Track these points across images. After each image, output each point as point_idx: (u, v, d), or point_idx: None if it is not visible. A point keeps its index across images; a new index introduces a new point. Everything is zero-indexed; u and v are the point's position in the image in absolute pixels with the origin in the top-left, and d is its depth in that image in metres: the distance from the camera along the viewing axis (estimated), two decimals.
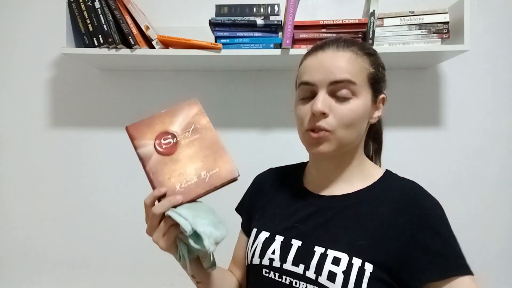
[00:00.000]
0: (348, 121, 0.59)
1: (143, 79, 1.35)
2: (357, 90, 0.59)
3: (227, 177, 0.60)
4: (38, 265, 1.35)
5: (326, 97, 0.59)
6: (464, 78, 1.30)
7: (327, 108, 0.59)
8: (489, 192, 1.29)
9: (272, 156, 1.32)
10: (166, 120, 0.63)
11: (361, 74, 0.60)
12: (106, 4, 1.11)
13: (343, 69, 0.59)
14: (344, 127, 0.59)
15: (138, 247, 1.34)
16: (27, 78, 1.35)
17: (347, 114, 0.59)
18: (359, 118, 0.60)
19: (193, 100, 0.68)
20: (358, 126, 0.61)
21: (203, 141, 0.61)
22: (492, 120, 1.29)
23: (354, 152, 0.66)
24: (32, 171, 1.35)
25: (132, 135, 0.61)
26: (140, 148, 0.60)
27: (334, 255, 0.57)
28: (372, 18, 1.10)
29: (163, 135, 0.61)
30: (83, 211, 1.35)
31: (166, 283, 1.34)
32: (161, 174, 0.57)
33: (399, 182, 0.65)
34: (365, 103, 0.61)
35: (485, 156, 1.29)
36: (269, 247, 0.64)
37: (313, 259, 0.58)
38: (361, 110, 0.60)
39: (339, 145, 0.61)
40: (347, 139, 0.61)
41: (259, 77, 1.34)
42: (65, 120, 1.36)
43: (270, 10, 1.14)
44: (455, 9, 1.12)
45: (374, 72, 0.62)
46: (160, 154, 0.59)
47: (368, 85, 0.61)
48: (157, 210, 0.54)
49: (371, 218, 0.59)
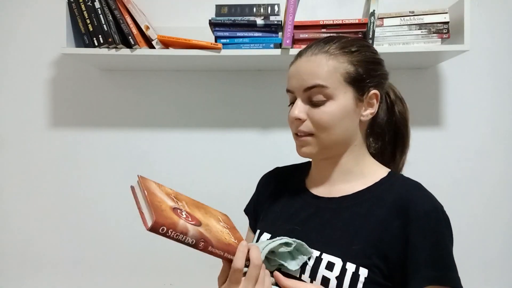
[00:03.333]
0: (324, 124, 0.60)
1: (143, 79, 1.35)
2: (331, 92, 0.60)
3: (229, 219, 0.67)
4: (38, 265, 1.35)
5: (301, 104, 0.62)
6: (464, 78, 1.30)
7: (303, 114, 0.61)
8: (489, 192, 1.29)
9: (272, 156, 1.32)
10: (159, 200, 0.53)
11: (333, 76, 0.60)
12: (106, 4, 1.11)
13: (314, 74, 0.60)
14: (321, 130, 0.61)
15: (138, 247, 1.34)
16: (27, 78, 1.35)
17: (322, 117, 0.60)
18: (337, 119, 0.60)
19: (141, 177, 0.57)
20: (338, 127, 0.61)
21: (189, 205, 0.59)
22: (492, 120, 1.29)
23: (350, 152, 0.65)
24: (32, 171, 1.35)
25: (169, 224, 0.47)
26: (188, 230, 0.49)
27: (328, 260, 0.57)
28: (372, 18, 1.10)
29: (176, 211, 0.52)
30: (83, 211, 1.35)
31: (166, 283, 1.34)
32: (221, 238, 0.52)
33: (401, 182, 0.63)
34: (344, 103, 0.60)
35: (485, 156, 1.29)
36: None
37: (308, 263, 0.58)
38: (338, 111, 0.60)
39: (322, 147, 0.62)
40: (329, 140, 0.62)
41: (259, 77, 1.34)
42: (65, 120, 1.36)
43: (270, 10, 1.14)
44: (455, 9, 1.12)
45: (354, 70, 0.61)
46: (196, 226, 0.51)
47: (345, 85, 0.60)
48: (239, 265, 0.50)
49: (367, 220, 0.59)
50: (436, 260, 0.54)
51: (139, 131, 1.35)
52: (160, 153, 1.35)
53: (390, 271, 0.55)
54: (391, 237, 0.56)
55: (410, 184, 0.63)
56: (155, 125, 1.35)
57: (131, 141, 1.35)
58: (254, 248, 0.53)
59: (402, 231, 0.56)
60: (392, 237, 0.56)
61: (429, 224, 0.55)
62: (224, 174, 1.34)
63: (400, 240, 0.56)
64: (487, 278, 1.28)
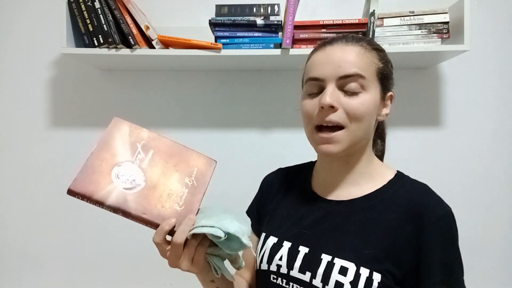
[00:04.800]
0: (359, 115, 0.57)
1: (143, 79, 1.35)
2: (366, 84, 0.58)
3: (210, 169, 0.60)
4: (38, 265, 1.35)
5: (335, 90, 0.57)
6: (464, 78, 1.30)
7: (336, 102, 0.57)
8: (489, 192, 1.29)
9: (272, 156, 1.32)
10: (105, 155, 0.54)
11: (370, 68, 0.58)
12: (106, 4, 1.11)
13: (353, 63, 0.57)
14: (355, 121, 0.57)
15: (138, 247, 1.34)
16: (27, 78, 1.35)
17: (357, 107, 0.57)
18: (369, 113, 0.58)
19: (114, 120, 0.59)
20: (368, 121, 0.59)
21: (161, 153, 0.57)
22: (492, 120, 1.29)
23: (362, 151, 0.64)
24: (32, 171, 1.35)
25: (84, 193, 0.50)
26: (107, 199, 0.50)
27: (341, 264, 0.56)
28: (372, 18, 1.10)
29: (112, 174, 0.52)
30: (83, 211, 1.35)
31: (166, 283, 1.34)
32: (152, 208, 0.52)
33: (410, 185, 0.62)
34: (374, 98, 0.59)
35: (485, 156, 1.29)
36: (276, 253, 0.63)
37: (320, 267, 0.57)
38: (371, 104, 0.58)
39: (351, 143, 0.59)
40: (359, 135, 0.59)
41: (259, 77, 1.34)
42: (65, 120, 1.36)
43: (270, 10, 1.14)
44: (455, 9, 1.12)
45: (383, 67, 0.61)
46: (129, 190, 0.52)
47: (377, 80, 0.60)
48: (179, 239, 0.51)
49: (379, 224, 0.58)
50: (448, 264, 0.55)
51: None
52: None
53: (403, 276, 0.55)
54: (404, 242, 0.56)
55: (420, 188, 0.61)
56: (155, 125, 1.35)
57: None
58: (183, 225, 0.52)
59: (416, 236, 0.55)
60: (405, 243, 0.56)
61: (442, 229, 0.55)
62: (224, 174, 1.34)
63: (413, 245, 0.55)
64: (487, 278, 1.28)
